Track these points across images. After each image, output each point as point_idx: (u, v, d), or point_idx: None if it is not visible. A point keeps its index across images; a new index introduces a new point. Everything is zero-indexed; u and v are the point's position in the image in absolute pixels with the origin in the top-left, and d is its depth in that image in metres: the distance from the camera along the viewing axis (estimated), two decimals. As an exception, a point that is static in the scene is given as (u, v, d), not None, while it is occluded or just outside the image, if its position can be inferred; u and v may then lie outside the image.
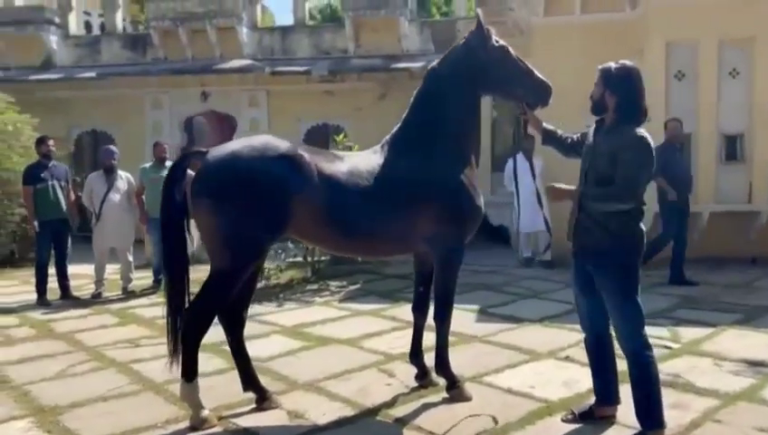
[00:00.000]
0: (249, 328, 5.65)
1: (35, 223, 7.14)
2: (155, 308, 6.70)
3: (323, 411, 3.69)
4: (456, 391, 3.86)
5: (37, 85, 14.35)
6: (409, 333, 4.11)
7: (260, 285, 7.74)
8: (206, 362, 4.20)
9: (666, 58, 8.64)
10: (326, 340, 5.28)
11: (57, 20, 14.69)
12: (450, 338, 5.10)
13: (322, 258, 8.73)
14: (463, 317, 5.99)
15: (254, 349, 4.96)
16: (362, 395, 3.95)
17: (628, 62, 3.33)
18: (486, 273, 8.28)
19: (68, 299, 7.29)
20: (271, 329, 5.72)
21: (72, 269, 7.54)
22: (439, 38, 11.64)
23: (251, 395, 3.82)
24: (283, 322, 5.96)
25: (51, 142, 7.44)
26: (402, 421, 3.56)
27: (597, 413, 3.48)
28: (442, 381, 3.97)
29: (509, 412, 3.64)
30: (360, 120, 12.65)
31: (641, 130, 3.21)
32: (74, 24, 15.44)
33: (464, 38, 4.05)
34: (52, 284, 7.31)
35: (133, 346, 5.23)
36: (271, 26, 15.94)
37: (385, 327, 5.68)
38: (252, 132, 13.89)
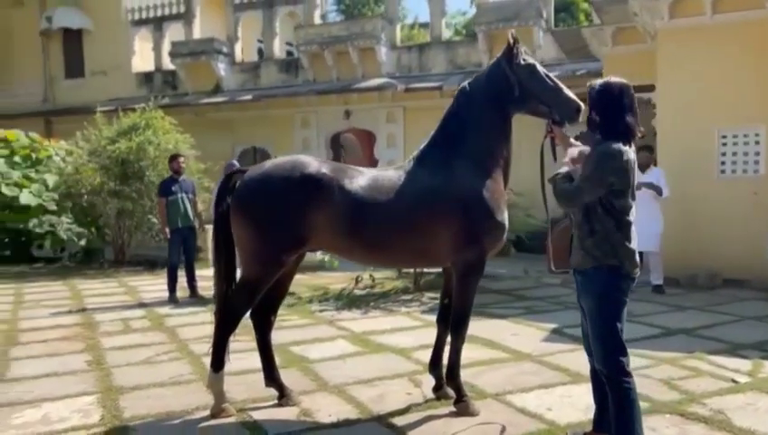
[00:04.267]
0: (322, 331, 6.19)
1: (167, 230, 8.22)
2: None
3: (331, 413, 3.92)
4: (462, 404, 3.88)
5: (208, 108, 16.25)
6: (467, 348, 4.13)
7: (362, 292, 8.21)
8: (256, 358, 4.57)
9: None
10: (381, 347, 5.49)
11: (225, 49, 16.50)
12: (502, 354, 5.19)
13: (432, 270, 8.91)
14: (531, 335, 5.91)
15: (312, 351, 5.42)
16: (377, 402, 4.11)
17: (613, 79, 3.20)
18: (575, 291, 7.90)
19: (194, 298, 8.24)
20: (340, 334, 6.06)
21: (200, 271, 8.52)
22: (568, 47, 11.27)
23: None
24: (356, 328, 6.27)
25: (181, 160, 8.49)
26: (397, 429, 3.67)
27: (589, 439, 3.34)
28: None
29: (507, 432, 3.59)
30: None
31: (608, 144, 3.03)
32: (239, 52, 17.20)
33: (495, 57, 4.10)
34: (185, 284, 8.33)
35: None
36: (408, 44, 16.45)
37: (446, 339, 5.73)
38: (390, 147, 14.52)
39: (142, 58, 18.08)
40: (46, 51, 18.94)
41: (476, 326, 6.19)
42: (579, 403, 4.02)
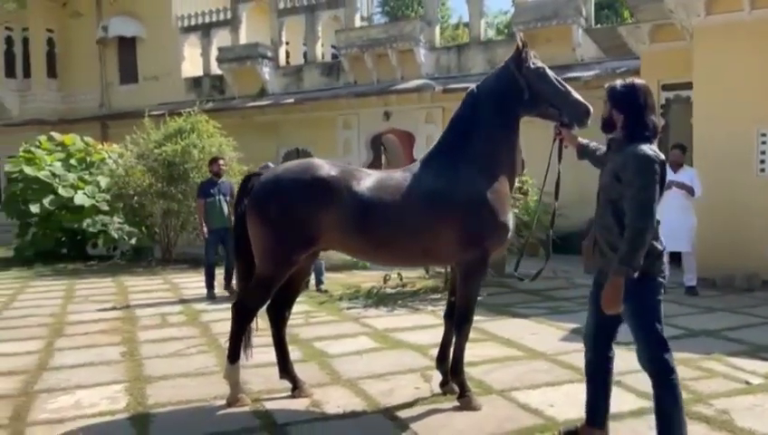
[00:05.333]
0: (347, 328, 6.38)
1: (204, 230, 8.57)
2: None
3: (340, 405, 4.09)
4: (464, 399, 4.00)
5: (253, 111, 16.70)
6: (484, 346, 4.25)
7: (393, 291, 8.37)
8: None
9: None
10: (400, 344, 5.64)
11: (270, 54, 16.93)
12: (517, 353, 5.28)
13: None
14: (550, 334, 5.95)
15: (333, 346, 5.61)
16: (386, 395, 4.26)
17: (635, 80, 3.28)
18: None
19: (231, 295, 8.56)
20: (363, 330, 6.23)
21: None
22: (606, 45, 11.15)
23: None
24: (379, 325, 6.44)
25: (221, 162, 8.83)
26: (399, 422, 3.82)
27: (581, 433, 3.40)
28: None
29: (503, 426, 3.70)
30: (530, 130, 12.59)
31: (642, 147, 3.09)
32: (284, 56, 17.61)
33: (504, 61, 4.20)
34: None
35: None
36: (447, 45, 16.51)
37: (464, 338, 5.84)
38: (429, 147, 14.61)
39: (191, 64, 18.71)
40: (103, 58, 19.81)
41: (497, 325, 6.31)
42: (581, 401, 4.00)
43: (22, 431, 3.77)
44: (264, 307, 4.27)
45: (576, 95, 3.96)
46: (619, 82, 3.25)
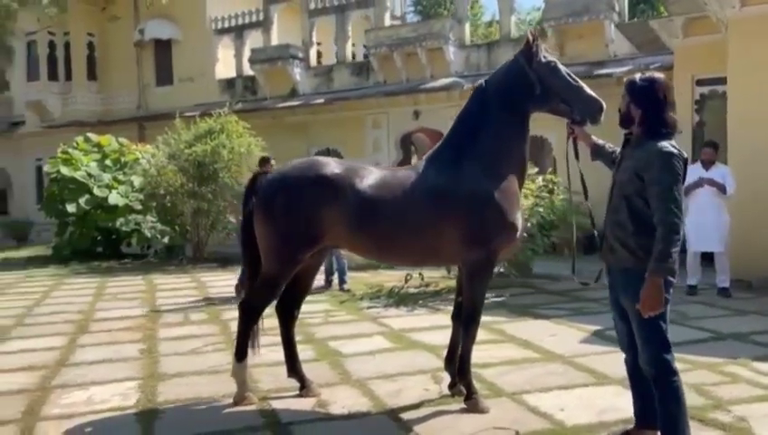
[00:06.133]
0: (364, 327, 6.34)
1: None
2: (310, 305, 7.67)
3: (345, 405, 4.06)
4: (471, 401, 3.92)
5: (284, 111, 16.83)
6: (501, 347, 4.14)
7: (416, 290, 8.31)
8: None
9: None
10: (414, 344, 5.58)
11: (300, 54, 17.03)
12: (534, 355, 5.18)
13: (501, 270, 8.82)
14: (570, 336, 5.82)
15: (348, 346, 5.59)
16: (393, 396, 4.21)
17: (655, 74, 3.20)
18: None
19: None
20: (379, 330, 6.19)
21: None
22: (638, 40, 10.87)
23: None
24: (396, 325, 6.39)
25: (273, 163, 8.79)
26: (403, 423, 3.77)
27: (632, 435, 3.31)
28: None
29: (510, 429, 3.61)
30: (563, 129, 12.37)
31: (665, 144, 3.00)
32: (315, 56, 17.69)
33: (514, 55, 4.10)
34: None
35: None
36: (477, 43, 16.33)
37: (482, 338, 5.66)
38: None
39: (225, 65, 18.95)
40: (140, 61, 20.23)
41: (517, 326, 6.20)
42: (594, 405, 3.95)
43: (32, 426, 3.84)
44: (273, 306, 4.26)
45: (589, 91, 3.84)
46: (638, 77, 3.18)
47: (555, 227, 8.82)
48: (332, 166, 4.01)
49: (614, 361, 4.92)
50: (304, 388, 4.28)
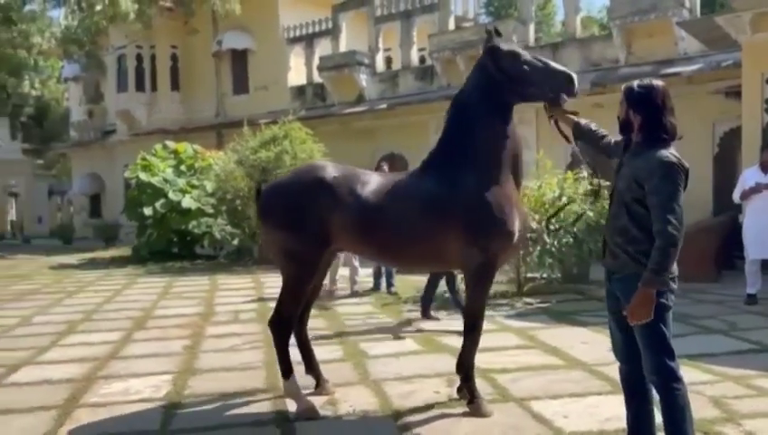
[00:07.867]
0: (397, 330, 6.44)
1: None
2: (353, 306, 7.89)
3: (354, 405, 4.20)
4: (473, 405, 3.97)
5: (350, 117, 17.19)
6: (527, 353, 4.13)
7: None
8: (322, 351, 4.97)
9: None
10: (441, 348, 5.65)
11: (366, 61, 17.33)
12: (557, 362, 5.17)
13: (544, 276, 8.75)
14: (601, 344, 5.64)
15: (376, 348, 5.74)
16: (403, 398, 4.32)
17: (653, 80, 3.17)
18: (695, 302, 7.36)
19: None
20: (412, 334, 6.30)
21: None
22: (704, 37, 10.40)
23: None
24: (429, 328, 6.48)
25: (385, 167, 8.89)
26: (404, 424, 3.87)
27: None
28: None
29: (506, 434, 3.65)
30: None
31: (665, 153, 2.98)
32: (383, 62, 17.94)
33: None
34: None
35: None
36: (541, 44, 16.05)
37: (509, 344, 5.76)
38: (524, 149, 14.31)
39: (297, 73, 19.55)
40: (218, 71, 21.20)
41: (550, 333, 6.15)
42: (599, 413, 3.91)
43: (70, 412, 4.21)
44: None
45: (555, 65, 3.84)
46: (636, 83, 3.14)
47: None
48: (331, 169, 4.15)
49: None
50: (319, 386, 4.45)
